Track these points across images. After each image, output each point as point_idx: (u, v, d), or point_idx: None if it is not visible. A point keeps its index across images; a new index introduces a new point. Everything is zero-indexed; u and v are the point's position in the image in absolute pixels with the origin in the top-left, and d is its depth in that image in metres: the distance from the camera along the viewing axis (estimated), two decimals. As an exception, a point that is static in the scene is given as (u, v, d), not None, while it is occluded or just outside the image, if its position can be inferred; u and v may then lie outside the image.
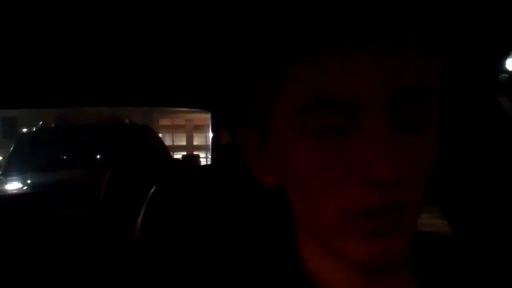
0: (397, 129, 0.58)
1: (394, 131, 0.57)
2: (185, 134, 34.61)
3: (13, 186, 5.95)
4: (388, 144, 0.56)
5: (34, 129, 7.39)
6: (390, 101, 0.57)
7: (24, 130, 8.19)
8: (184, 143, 33.75)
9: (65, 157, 6.54)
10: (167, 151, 6.97)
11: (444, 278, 0.71)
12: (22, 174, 6.00)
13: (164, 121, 32.41)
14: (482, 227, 1.05)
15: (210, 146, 2.71)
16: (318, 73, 0.58)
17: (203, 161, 15.07)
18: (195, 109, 2.58)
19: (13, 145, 7.00)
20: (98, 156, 6.50)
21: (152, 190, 1.05)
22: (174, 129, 33.49)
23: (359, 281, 0.66)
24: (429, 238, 0.75)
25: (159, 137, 7.55)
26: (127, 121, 7.56)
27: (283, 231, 0.73)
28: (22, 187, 5.78)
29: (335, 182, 0.59)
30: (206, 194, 1.03)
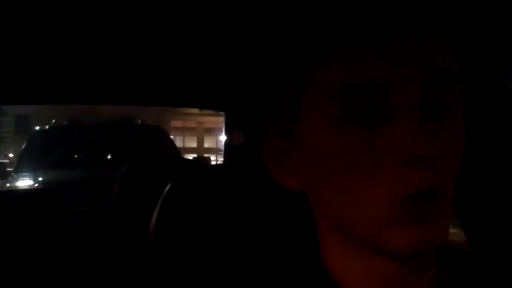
0: (429, 113, 0.58)
1: (426, 114, 0.58)
2: (196, 137, 34.71)
3: (25, 183, 5.97)
4: (425, 125, 0.57)
5: (46, 127, 7.42)
6: (422, 85, 0.58)
7: (37, 127, 8.23)
8: (194, 145, 33.85)
9: (77, 156, 6.55)
10: (178, 152, 6.98)
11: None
12: (34, 172, 6.02)
13: (176, 123, 32.53)
14: (499, 239, 1.05)
15: (221, 149, 2.72)
16: (353, 60, 0.59)
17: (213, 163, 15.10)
18: (207, 112, 2.59)
19: (26, 143, 7.03)
20: (110, 155, 6.51)
21: (168, 187, 1.05)
22: (185, 131, 33.60)
23: (387, 280, 0.65)
24: (449, 249, 0.74)
25: (171, 138, 7.57)
26: (139, 122, 7.58)
27: (302, 232, 0.72)
28: (34, 184, 5.80)
29: (377, 169, 0.58)
30: (221, 192, 1.03)
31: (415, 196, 0.57)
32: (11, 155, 19.35)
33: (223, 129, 2.76)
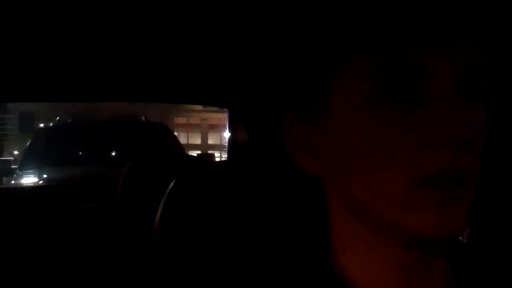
0: (464, 100, 0.60)
1: (462, 101, 0.60)
2: (200, 133, 34.69)
3: (29, 180, 5.98)
4: (460, 109, 0.58)
5: (51, 124, 7.43)
6: (458, 74, 0.60)
7: (41, 125, 8.25)
8: (198, 142, 33.82)
9: (81, 153, 6.57)
10: (182, 149, 6.99)
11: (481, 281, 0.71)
12: (38, 169, 6.03)
13: (180, 120, 32.50)
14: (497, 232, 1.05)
15: (225, 145, 2.71)
16: (394, 44, 0.61)
17: (217, 160, 15.09)
18: (210, 109, 2.59)
19: (30, 140, 7.04)
20: (114, 153, 6.52)
21: (172, 183, 1.05)
22: (189, 127, 33.57)
23: (400, 271, 0.65)
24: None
25: (175, 135, 7.57)
26: (143, 118, 7.59)
27: (311, 227, 0.72)
28: (38, 181, 5.81)
29: (406, 147, 0.59)
30: (225, 189, 1.03)
31: (444, 172, 0.58)
32: (15, 152, 19.37)
33: (227, 125, 2.75)
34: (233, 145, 2.64)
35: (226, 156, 3.05)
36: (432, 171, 0.58)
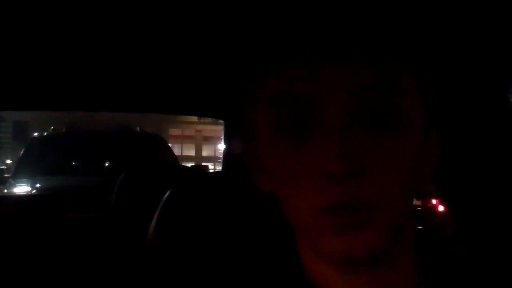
0: (358, 124, 0.60)
1: (354, 126, 0.60)
2: (194, 145, 34.69)
3: (23, 189, 5.96)
4: (343, 138, 0.58)
5: (45, 134, 7.42)
6: (348, 96, 0.60)
7: (35, 134, 8.23)
8: (193, 153, 33.82)
9: (75, 163, 6.55)
10: (176, 160, 6.98)
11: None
12: (31, 178, 6.01)
13: (174, 131, 32.51)
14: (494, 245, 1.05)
15: (219, 157, 2.71)
16: (288, 73, 0.62)
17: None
18: (205, 121, 2.59)
19: (24, 149, 7.03)
20: (108, 162, 6.51)
21: (167, 193, 1.05)
22: (183, 139, 33.58)
23: (348, 279, 0.66)
24: (442, 251, 0.75)
25: (169, 146, 7.57)
26: (138, 129, 7.58)
27: (284, 237, 0.73)
28: (31, 190, 5.79)
29: (305, 179, 0.61)
30: (219, 200, 1.03)
31: (334, 208, 0.59)
32: (8, 161, 19.31)
33: (222, 137, 2.75)
34: (228, 157, 2.64)
35: (220, 168, 3.05)
36: (324, 203, 0.60)
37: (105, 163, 6.51)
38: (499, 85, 1.05)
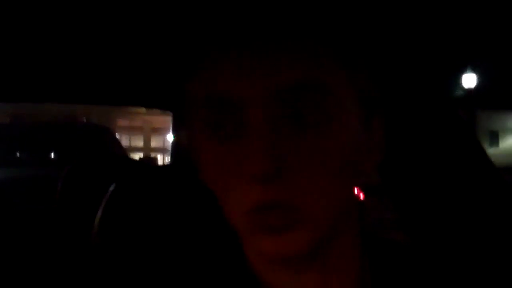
0: (282, 125, 0.60)
1: (277, 127, 0.60)
2: (142, 136, 34.38)
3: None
4: (265, 141, 0.59)
5: (-12, 125, 7.25)
6: (272, 98, 0.60)
7: (-22, 125, 8.02)
8: (141, 144, 33.53)
9: (20, 154, 6.42)
10: (123, 152, 6.91)
11: (400, 284, 0.72)
12: (-26, 170, 5.86)
13: (122, 122, 32.15)
14: (437, 232, 1.07)
15: (169, 148, 2.69)
16: (211, 75, 0.62)
17: (160, 164, 14.97)
18: (154, 111, 2.57)
19: (-33, 141, 6.84)
20: (53, 155, 6.40)
21: (112, 187, 1.04)
22: (131, 130, 33.24)
23: (288, 275, 0.67)
24: (382, 242, 0.76)
25: (116, 137, 7.49)
26: (84, 120, 7.48)
27: (230, 231, 0.73)
28: (-26, 182, 5.64)
29: (232, 179, 0.62)
30: (164, 193, 1.03)
31: (259, 208, 0.60)
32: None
33: (171, 128, 2.73)
34: (176, 149, 2.62)
35: (169, 159, 3.03)
36: (252, 203, 0.60)
37: (51, 154, 6.40)
38: (438, 78, 1.08)
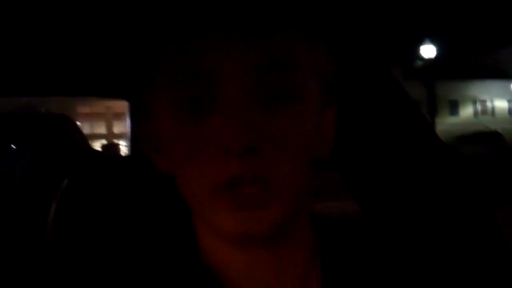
0: (256, 101, 0.61)
1: (252, 103, 0.61)
2: (104, 122, 34.01)
3: None
4: (241, 114, 0.60)
5: None
6: (248, 74, 0.61)
7: None
8: (104, 131, 33.18)
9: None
10: (85, 140, 6.85)
11: (349, 260, 0.73)
12: None
13: (83, 109, 31.75)
14: (391, 210, 1.09)
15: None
16: (185, 49, 0.63)
17: (124, 150, 14.84)
18: (114, 97, 2.53)
19: None
20: (13, 146, 6.31)
21: (64, 183, 1.03)
22: (93, 117, 32.86)
23: (248, 257, 0.67)
24: (333, 221, 0.77)
25: (77, 125, 7.41)
26: (43, 110, 7.38)
27: (183, 223, 0.73)
28: None
29: (203, 155, 0.62)
30: (119, 187, 1.03)
31: (231, 181, 0.60)
32: None
33: (131, 115, 2.70)
34: (135, 138, 2.61)
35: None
36: (222, 179, 0.61)
37: (10, 146, 6.31)
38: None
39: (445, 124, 30.75)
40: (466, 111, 36.86)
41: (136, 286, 0.69)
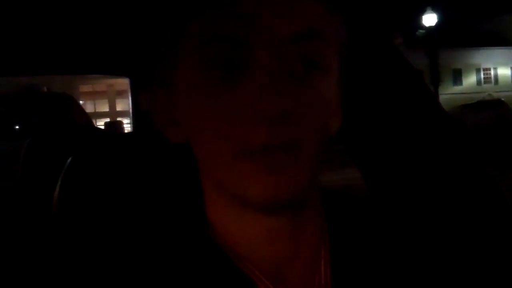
0: (288, 69, 0.61)
1: (283, 70, 0.61)
2: (107, 100, 34.02)
3: None
4: (274, 81, 0.60)
5: None
6: (279, 44, 0.61)
7: None
8: (106, 109, 33.19)
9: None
10: (88, 119, 6.86)
11: (356, 237, 0.73)
12: None
13: (85, 88, 31.75)
14: (396, 185, 1.09)
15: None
16: (219, 14, 0.62)
17: (127, 127, 14.85)
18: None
19: None
20: (17, 127, 6.31)
21: (68, 161, 1.04)
22: (95, 95, 32.86)
23: (264, 225, 0.67)
24: (340, 196, 0.78)
25: (80, 104, 7.40)
26: (45, 89, 7.37)
27: (191, 195, 0.74)
28: None
29: (232, 117, 0.61)
30: (123, 163, 1.03)
31: (262, 146, 0.60)
32: None
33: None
34: (136, 115, 2.60)
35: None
36: (252, 144, 0.60)
37: (14, 127, 6.31)
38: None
39: (449, 93, 30.67)
40: (470, 80, 36.70)
41: (141, 262, 0.69)
